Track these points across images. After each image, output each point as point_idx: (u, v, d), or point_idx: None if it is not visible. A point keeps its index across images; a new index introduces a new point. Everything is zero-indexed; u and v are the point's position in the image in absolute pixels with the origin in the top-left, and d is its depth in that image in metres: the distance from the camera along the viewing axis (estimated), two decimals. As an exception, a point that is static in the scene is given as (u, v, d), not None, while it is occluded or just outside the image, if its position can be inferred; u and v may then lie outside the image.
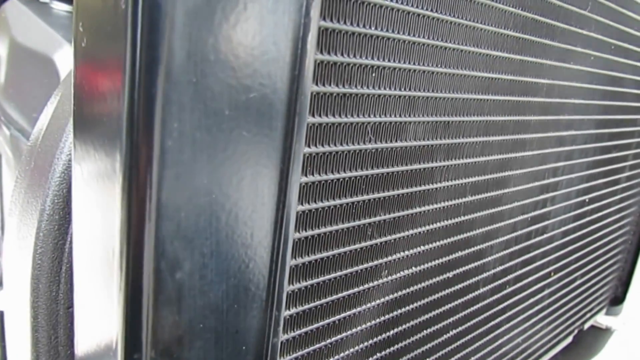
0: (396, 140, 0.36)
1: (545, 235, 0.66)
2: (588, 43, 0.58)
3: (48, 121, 0.35)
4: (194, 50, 0.21)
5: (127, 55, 0.20)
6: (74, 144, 0.25)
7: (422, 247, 0.43)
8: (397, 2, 0.32)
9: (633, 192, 0.93)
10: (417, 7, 0.34)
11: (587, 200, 0.75)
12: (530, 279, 0.67)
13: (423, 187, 0.41)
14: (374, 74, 0.33)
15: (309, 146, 0.30)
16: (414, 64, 0.35)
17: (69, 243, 0.33)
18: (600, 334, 1.08)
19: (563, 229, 0.71)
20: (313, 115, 0.30)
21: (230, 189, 0.24)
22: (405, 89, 0.35)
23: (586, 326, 0.98)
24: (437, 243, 0.45)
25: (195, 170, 0.23)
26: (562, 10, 0.50)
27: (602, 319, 1.07)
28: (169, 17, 0.20)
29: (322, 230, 0.33)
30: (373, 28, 0.31)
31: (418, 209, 0.41)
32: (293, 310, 0.33)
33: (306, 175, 0.31)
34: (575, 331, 0.91)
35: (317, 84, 0.29)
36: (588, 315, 0.96)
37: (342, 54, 0.30)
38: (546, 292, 0.74)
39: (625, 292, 1.11)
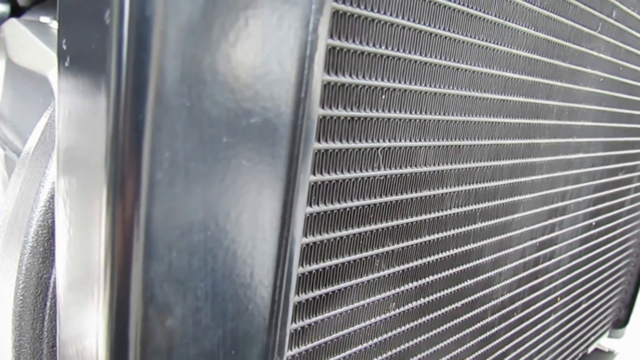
0: (406, 166, 0.34)
1: (553, 260, 0.64)
2: (598, 64, 0.56)
3: (35, 145, 0.32)
4: (188, 70, 0.18)
5: (111, 76, 0.17)
6: (56, 175, 0.22)
7: (431, 278, 0.41)
8: (409, 20, 0.30)
9: (637, 213, 0.92)
10: (429, 25, 0.32)
11: (593, 223, 0.73)
12: (537, 305, 0.64)
13: (433, 215, 0.38)
14: (384, 96, 0.30)
15: (314, 174, 0.27)
16: (426, 85, 0.33)
17: (54, 276, 0.30)
18: (603, 357, 1.06)
19: (570, 253, 0.69)
20: (319, 141, 0.27)
21: (228, 224, 0.22)
22: (416, 112, 0.33)
23: (590, 350, 0.96)
24: (446, 272, 0.42)
25: (189, 204, 0.20)
26: (573, 30, 0.49)
27: (605, 342, 1.05)
28: (160, 34, 0.17)
29: (328, 263, 0.31)
30: (384, 47, 0.29)
31: (427, 238, 0.38)
32: (296, 351, 0.31)
33: (311, 206, 0.28)
34: (580, 355, 0.89)
35: (324, 107, 0.27)
36: (592, 338, 0.94)
37: (350, 75, 0.28)
38: (552, 317, 0.72)
39: (629, 314, 1.09)
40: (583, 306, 0.81)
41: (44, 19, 0.69)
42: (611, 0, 0.55)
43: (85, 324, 0.22)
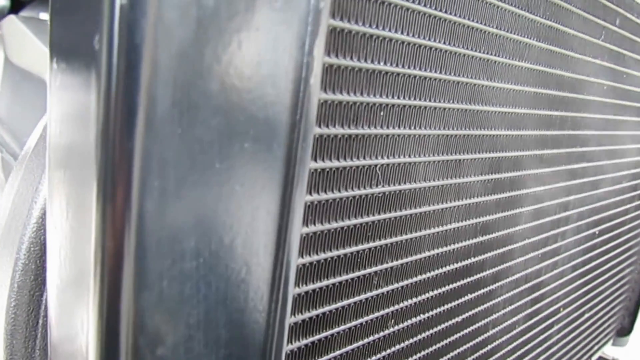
0: (406, 182, 0.33)
1: (555, 271, 0.63)
2: (601, 72, 0.55)
3: (28, 157, 0.32)
4: (180, 96, 0.18)
5: (100, 102, 0.17)
6: (48, 201, 0.22)
7: (431, 293, 0.40)
8: (408, 35, 0.30)
9: (641, 221, 0.91)
10: (429, 39, 0.31)
11: (597, 232, 0.72)
12: (539, 316, 0.64)
13: (432, 230, 0.38)
14: (382, 113, 0.30)
15: (310, 194, 0.27)
16: (426, 100, 0.33)
17: (47, 294, 0.30)
18: (607, 366, 1.05)
19: (573, 263, 0.68)
20: (316, 160, 0.27)
21: (222, 250, 0.21)
22: (416, 127, 0.33)
23: (593, 359, 0.95)
24: (446, 287, 0.42)
25: (181, 232, 0.20)
26: (576, 39, 0.48)
27: (609, 350, 1.04)
28: (150, 60, 0.17)
29: (325, 283, 0.30)
30: (382, 63, 0.29)
31: (427, 254, 0.38)
32: (291, 372, 0.30)
33: (307, 226, 0.27)
34: (583, 364, 0.88)
35: (320, 126, 0.26)
36: (596, 347, 0.93)
37: (348, 92, 0.27)
38: (555, 328, 0.71)
39: (633, 322, 1.08)
40: (586, 315, 0.80)
41: (44, 15, 0.68)
42: (614, 7, 0.55)
43: (74, 355, 0.21)
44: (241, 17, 0.19)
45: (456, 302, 0.44)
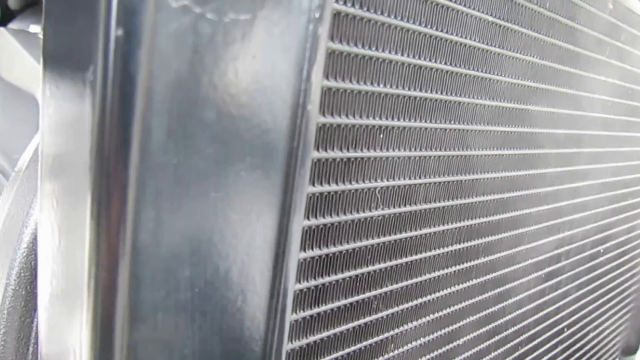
0: (406, 205, 0.33)
1: (559, 291, 0.62)
2: (605, 89, 0.55)
3: (19, 180, 0.31)
4: (175, 127, 0.18)
5: (94, 133, 0.17)
6: (39, 227, 0.21)
7: (432, 316, 0.40)
8: (408, 56, 0.29)
9: (646, 237, 0.90)
10: (430, 60, 0.31)
11: (602, 250, 0.72)
12: (543, 337, 0.63)
13: (433, 252, 0.37)
14: (381, 135, 0.30)
15: (308, 219, 0.27)
16: (426, 121, 0.32)
17: (37, 320, 0.29)
18: (612, 386, 1.03)
19: (577, 282, 0.67)
20: (314, 185, 0.26)
21: (217, 279, 0.21)
22: (416, 149, 0.32)
23: (599, 378, 0.93)
24: (448, 310, 0.41)
25: (176, 262, 0.19)
26: (580, 56, 0.48)
27: (614, 370, 1.02)
28: (145, 91, 0.17)
29: (323, 308, 0.30)
30: (381, 85, 0.29)
31: (427, 276, 0.37)
32: (289, 399, 0.29)
33: (305, 251, 0.27)
34: (588, 384, 0.87)
35: (318, 150, 0.26)
36: (601, 367, 0.92)
37: (347, 115, 0.27)
38: (559, 348, 0.70)
39: (639, 340, 1.06)
40: (591, 335, 0.79)
41: (34, 28, 0.67)
42: (618, 23, 0.55)
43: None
44: (238, 45, 0.19)
45: (458, 325, 0.43)
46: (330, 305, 0.30)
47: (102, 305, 0.18)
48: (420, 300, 0.38)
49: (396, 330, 0.36)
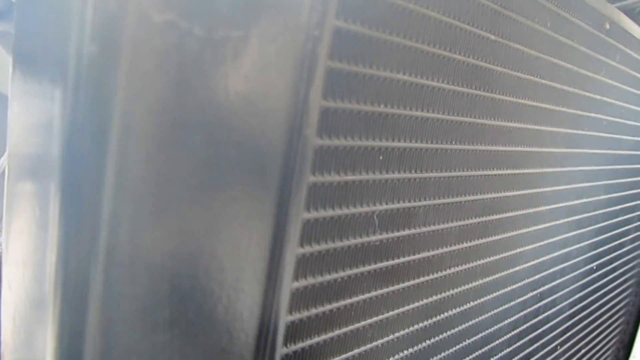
0: (404, 228, 0.31)
1: (553, 309, 0.61)
2: (601, 107, 0.54)
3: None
4: (156, 154, 0.16)
5: (62, 163, 0.15)
6: (3, 234, 0.19)
7: (428, 342, 0.38)
8: (410, 75, 0.28)
9: (637, 253, 0.90)
10: (431, 80, 0.29)
11: (595, 267, 0.71)
12: (537, 356, 0.61)
13: (431, 277, 0.35)
14: (381, 157, 0.28)
15: (302, 246, 0.25)
16: (427, 142, 0.31)
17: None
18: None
19: (570, 300, 0.66)
20: (309, 210, 0.24)
21: (201, 318, 0.19)
22: (416, 171, 0.31)
23: (588, 393, 0.92)
24: (444, 335, 0.40)
25: (154, 301, 0.17)
26: (578, 75, 0.47)
27: (603, 384, 1.02)
28: (123, 115, 0.15)
29: (315, 340, 0.28)
30: (382, 105, 0.27)
31: (425, 301, 0.36)
32: None
33: (298, 280, 0.25)
34: (578, 399, 0.86)
35: (314, 174, 0.24)
36: (591, 382, 0.91)
37: (345, 137, 0.25)
38: (552, 366, 0.69)
39: (628, 354, 1.06)
40: (582, 351, 0.78)
41: None
42: (615, 43, 0.54)
43: None
44: (229, 64, 0.17)
45: (455, 348, 0.42)
46: (323, 337, 0.28)
47: (70, 350, 0.16)
48: (416, 327, 0.36)
49: (391, 358, 0.34)
